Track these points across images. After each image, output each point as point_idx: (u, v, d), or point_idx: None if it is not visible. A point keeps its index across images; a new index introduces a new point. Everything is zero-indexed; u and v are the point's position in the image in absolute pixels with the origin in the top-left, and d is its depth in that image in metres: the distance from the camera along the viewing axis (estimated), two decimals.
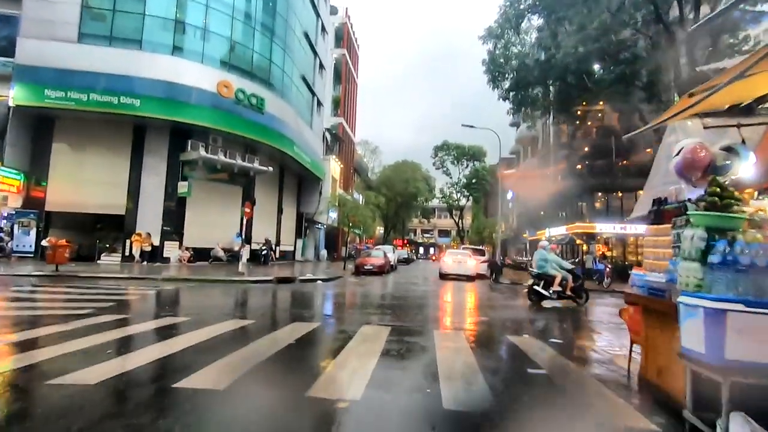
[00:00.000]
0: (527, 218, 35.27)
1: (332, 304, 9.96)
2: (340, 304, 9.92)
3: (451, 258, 19.05)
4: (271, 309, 8.75)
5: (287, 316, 7.72)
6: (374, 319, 7.02)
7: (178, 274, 14.55)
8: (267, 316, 7.66)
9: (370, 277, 18.80)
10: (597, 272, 18.14)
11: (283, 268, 20.32)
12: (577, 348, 5.87)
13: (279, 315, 8.04)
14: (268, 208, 25.16)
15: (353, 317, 7.45)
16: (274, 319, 7.31)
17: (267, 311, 8.43)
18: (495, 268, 19.49)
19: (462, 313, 9.27)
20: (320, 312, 8.44)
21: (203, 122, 18.57)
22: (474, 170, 53.40)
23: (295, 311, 8.42)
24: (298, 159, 24.57)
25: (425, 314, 8.37)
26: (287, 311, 8.55)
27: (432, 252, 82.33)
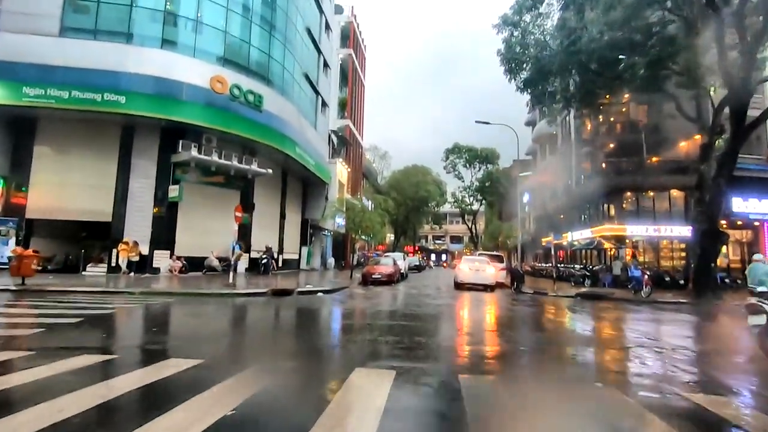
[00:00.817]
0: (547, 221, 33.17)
1: (325, 327, 8.22)
2: (335, 326, 8.15)
3: (468, 265, 17.19)
4: (240, 336, 6.98)
5: (258, 348, 5.86)
6: (374, 354, 5.25)
7: (163, 287, 12.99)
8: (226, 350, 5.51)
9: (378, 288, 17.05)
10: (632, 280, 16.11)
11: (283, 278, 18.68)
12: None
13: (245, 347, 6.02)
14: (269, 214, 23.63)
15: (347, 350, 5.66)
16: (234, 356, 5.18)
17: (234, 340, 6.51)
18: (517, 276, 17.58)
19: (502, 338, 6.93)
20: (305, 340, 6.62)
21: (195, 120, 17.13)
22: (487, 173, 51.35)
23: (272, 340, 6.61)
24: (300, 161, 23.03)
25: (445, 343, 6.41)
26: (262, 340, 6.65)
27: (444, 259, 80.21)
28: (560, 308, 12.04)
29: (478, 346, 6.10)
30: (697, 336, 8.54)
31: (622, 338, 7.34)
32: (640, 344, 6.58)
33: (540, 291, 17.50)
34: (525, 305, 12.63)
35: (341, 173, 33.07)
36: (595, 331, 8.34)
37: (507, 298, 14.39)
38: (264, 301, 11.27)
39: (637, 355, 5.68)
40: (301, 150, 23.03)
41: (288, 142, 21.29)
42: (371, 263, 21.80)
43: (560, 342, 6.96)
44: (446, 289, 17.42)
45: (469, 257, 19.51)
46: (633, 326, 8.90)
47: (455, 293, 15.37)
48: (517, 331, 8.01)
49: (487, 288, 16.82)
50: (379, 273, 19.38)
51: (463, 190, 53.10)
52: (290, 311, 9.89)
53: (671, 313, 11.65)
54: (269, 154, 21.28)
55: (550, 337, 7.41)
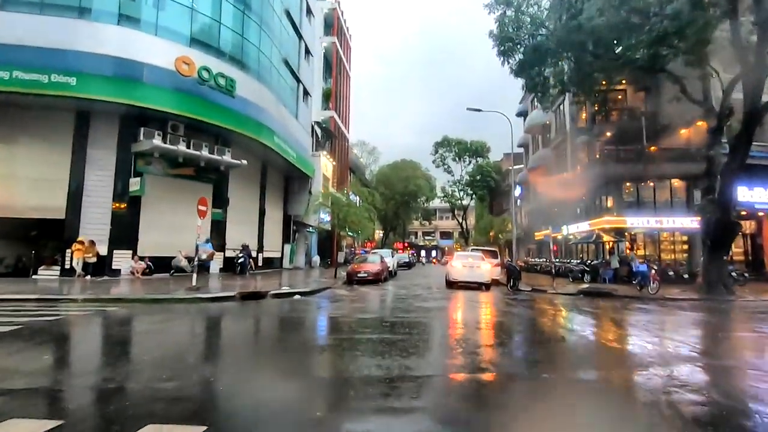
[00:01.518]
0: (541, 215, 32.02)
1: (286, 345, 6.48)
2: (300, 344, 6.34)
3: (461, 262, 15.82)
4: (158, 368, 4.38)
5: (165, 393, 3.57)
6: (343, 404, 3.65)
7: (117, 291, 11.38)
8: (108, 399, 3.51)
9: (364, 288, 15.63)
10: (637, 275, 14.90)
11: (260, 278, 17.13)
12: None
13: (147, 393, 3.61)
14: (247, 210, 21.98)
15: (302, 392, 3.79)
16: (115, 411, 3.16)
17: (142, 375, 4.18)
18: (513, 273, 16.26)
19: (515, 359, 5.38)
20: (250, 371, 4.47)
21: (159, 106, 15.41)
22: (477, 166, 50.15)
23: (199, 372, 4.36)
24: (280, 152, 21.39)
25: (442, 380, 4.31)
26: (182, 372, 4.22)
27: (434, 255, 79.03)
28: (567, 309, 10.72)
29: (488, 376, 4.54)
30: (744, 344, 7.25)
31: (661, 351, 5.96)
32: (687, 359, 5.23)
33: (539, 288, 16.24)
34: (527, 307, 11.29)
35: (326, 167, 31.47)
36: (622, 341, 6.96)
37: (505, 298, 13.05)
38: (228, 308, 9.75)
39: (694, 375, 4.32)
40: (280, 140, 21.40)
41: (265, 131, 19.65)
42: (357, 261, 20.36)
43: (592, 363, 5.44)
44: (437, 288, 16.04)
45: (462, 253, 18.16)
46: (660, 332, 7.58)
47: (448, 293, 13.99)
48: (530, 346, 6.56)
49: (482, 286, 15.48)
50: (365, 271, 17.97)
51: (453, 184, 51.92)
52: (252, 322, 8.39)
53: (692, 313, 10.42)
54: (245, 145, 19.63)
55: (577, 356, 5.84)
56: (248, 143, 19.50)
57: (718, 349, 6.43)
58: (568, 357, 5.59)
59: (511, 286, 16.13)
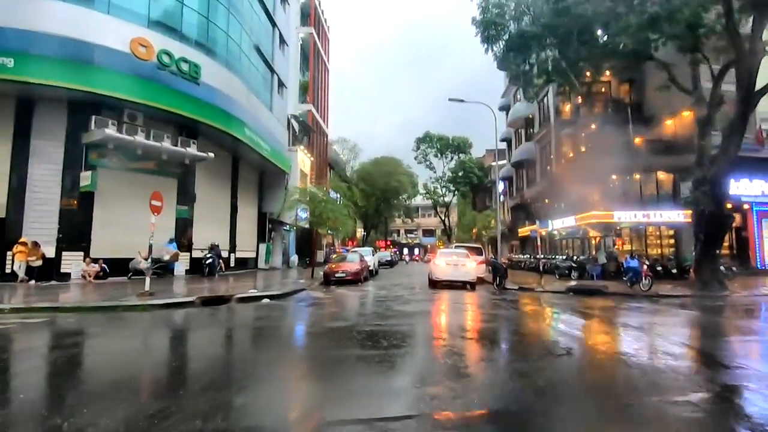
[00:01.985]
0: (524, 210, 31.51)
1: (226, 374, 4.79)
2: (245, 368, 4.75)
3: (445, 260, 14.86)
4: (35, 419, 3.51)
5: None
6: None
7: (57, 298, 10.00)
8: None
9: (341, 289, 14.55)
10: (628, 271, 14.23)
11: (230, 281, 15.85)
12: None
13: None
14: (217, 207, 20.56)
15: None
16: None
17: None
18: (499, 271, 15.41)
19: (515, 379, 4.28)
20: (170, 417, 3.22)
21: (112, 92, 13.95)
22: (460, 162, 49.47)
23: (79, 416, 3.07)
24: (252, 145, 20.05)
25: (428, 404, 3.42)
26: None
27: (416, 253, 78.29)
28: (561, 311, 9.87)
29: (484, 414, 3.52)
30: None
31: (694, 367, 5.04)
32: (741, 366, 4.32)
33: (526, 287, 15.44)
34: (516, 308, 10.38)
35: (303, 162, 30.21)
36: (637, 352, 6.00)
37: (492, 299, 12.14)
38: (182, 316, 8.54)
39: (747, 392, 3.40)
40: (252, 133, 20.06)
41: (235, 122, 18.30)
42: (334, 260, 19.23)
43: (614, 387, 4.45)
44: (420, 288, 15.07)
45: (446, 250, 17.22)
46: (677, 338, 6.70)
47: (431, 294, 13.01)
48: (530, 364, 5.42)
49: (467, 285, 14.57)
50: (343, 271, 16.89)
51: (435, 180, 51.13)
52: (200, 335, 7.18)
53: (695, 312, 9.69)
54: (214, 137, 18.25)
55: (594, 379, 4.80)
56: (217, 135, 18.13)
57: (747, 357, 5.59)
58: (583, 379, 4.59)
59: (498, 285, 15.30)
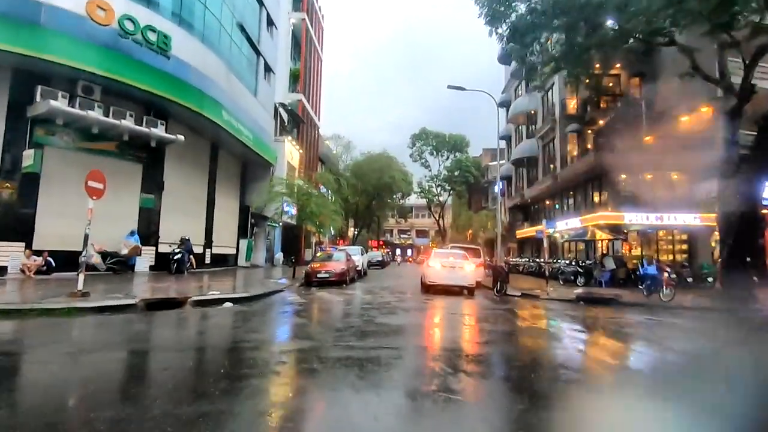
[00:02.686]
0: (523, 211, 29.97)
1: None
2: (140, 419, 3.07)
3: (440, 261, 13.12)
4: None
5: None
6: None
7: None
8: None
9: (322, 292, 12.80)
10: (646, 279, 12.62)
11: (196, 280, 14.02)
12: None
13: None
14: (190, 198, 18.69)
15: None
16: None
17: None
18: (500, 275, 13.74)
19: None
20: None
21: (63, 58, 12.04)
22: (456, 161, 47.81)
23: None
24: (231, 131, 18.19)
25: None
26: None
27: (410, 254, 76.61)
28: (580, 326, 8.21)
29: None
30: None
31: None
32: None
33: (529, 293, 13.79)
34: (525, 321, 8.69)
35: (291, 154, 28.41)
36: (698, 394, 4.37)
37: (494, 308, 10.45)
38: (113, 324, 6.77)
39: None
40: (231, 117, 18.22)
41: (210, 102, 16.44)
42: (318, 259, 17.46)
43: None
44: (411, 292, 13.35)
45: (441, 251, 15.48)
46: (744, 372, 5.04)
47: (423, 301, 11.29)
48: (555, 413, 3.79)
49: (464, 291, 12.87)
50: (327, 271, 15.18)
51: (430, 179, 49.40)
52: (116, 357, 5.37)
53: (743, 331, 8.04)
54: (187, 119, 16.41)
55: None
56: (190, 118, 16.29)
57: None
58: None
59: (498, 291, 13.63)
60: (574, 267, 17.64)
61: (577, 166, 20.03)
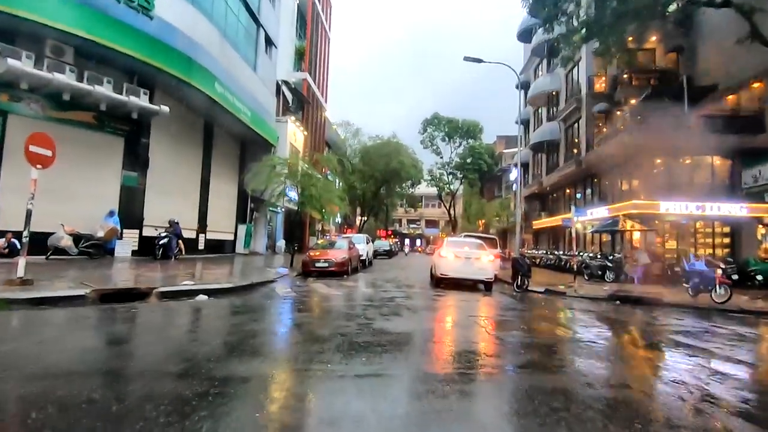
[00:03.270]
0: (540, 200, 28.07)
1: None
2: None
3: (454, 251, 11.45)
4: None
5: None
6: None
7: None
8: None
9: (319, 283, 11.29)
10: (694, 276, 10.85)
11: (180, 267, 12.59)
12: None
13: None
14: (181, 177, 17.23)
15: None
16: None
17: None
18: (521, 269, 12.07)
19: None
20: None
21: (26, 12, 10.54)
22: (469, 148, 45.69)
23: None
24: (225, 105, 16.59)
25: None
26: None
27: (418, 244, 74.95)
28: (628, 331, 6.55)
29: None
30: None
31: None
32: None
33: (554, 289, 12.13)
34: (561, 326, 7.05)
35: (294, 136, 26.79)
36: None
37: (517, 307, 8.82)
38: (44, 321, 5.28)
39: None
40: (226, 90, 16.62)
41: (200, 72, 14.83)
42: (317, 246, 15.94)
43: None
44: (420, 286, 11.76)
45: (455, 239, 13.77)
46: None
47: (433, 297, 9.69)
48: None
49: (480, 285, 11.23)
50: (326, 260, 13.69)
51: (442, 166, 47.41)
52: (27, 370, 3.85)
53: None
54: (176, 91, 14.82)
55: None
56: (180, 89, 14.70)
57: None
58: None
59: (519, 286, 11.97)
60: (601, 260, 15.85)
61: (606, 150, 18.06)
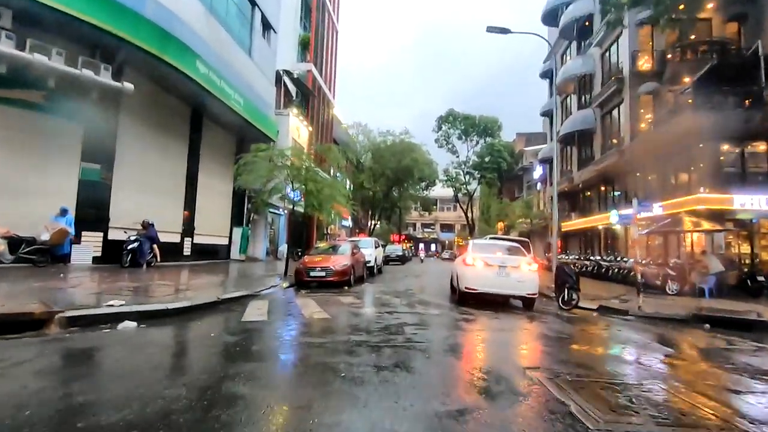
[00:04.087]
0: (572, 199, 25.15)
1: None
2: None
3: (484, 257, 8.77)
4: None
5: None
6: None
7: None
8: None
9: (309, 299, 8.83)
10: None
11: (144, 276, 10.31)
12: None
13: None
14: (162, 172, 15.04)
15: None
16: None
17: None
18: (569, 279, 9.41)
19: None
20: None
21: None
22: (488, 145, 42.80)
23: None
24: (211, 89, 14.32)
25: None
26: None
27: (434, 249, 72.13)
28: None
29: None
30: None
31: None
32: None
33: (610, 306, 9.44)
34: (688, 382, 4.40)
35: (297, 131, 24.53)
36: None
37: (583, 336, 6.18)
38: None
39: None
40: (212, 72, 14.37)
41: (176, 47, 12.56)
42: (315, 252, 13.51)
43: None
44: (438, 303, 9.19)
45: (484, 242, 11.04)
46: None
47: (457, 321, 7.11)
48: None
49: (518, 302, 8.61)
50: (322, 268, 11.33)
51: (458, 166, 44.61)
52: None
53: None
54: (151, 69, 12.65)
55: None
56: (157, 69, 12.54)
57: None
58: None
59: (564, 302, 9.30)
60: (659, 268, 13.03)
61: (657, 136, 15.24)
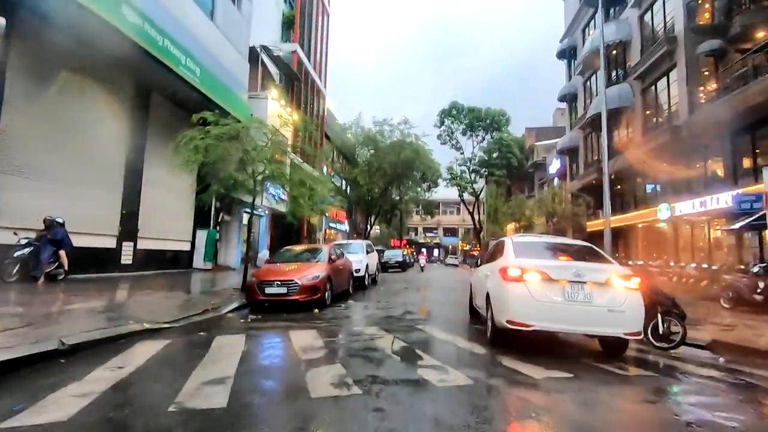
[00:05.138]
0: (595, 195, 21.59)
1: None
2: None
3: (539, 268, 4.84)
4: None
5: None
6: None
7: None
8: None
9: (245, 334, 5.24)
10: None
11: (23, 296, 6.79)
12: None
13: None
14: (90, 157, 11.58)
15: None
16: None
17: None
18: (661, 301, 5.86)
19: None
20: None
21: None
22: (496, 140, 39.23)
23: None
24: (146, 45, 10.87)
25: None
26: None
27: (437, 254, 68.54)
28: None
29: None
30: None
31: None
32: None
33: (726, 341, 5.90)
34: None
35: (278, 116, 21.02)
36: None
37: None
38: None
39: None
40: (146, 23, 10.92)
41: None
42: (277, 258, 10.06)
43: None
44: (456, 346, 5.68)
45: (531, 240, 6.61)
46: None
47: (506, 408, 3.60)
48: None
49: (606, 348, 5.12)
50: (284, 283, 7.88)
51: (462, 163, 41.01)
52: None
53: None
54: (58, 14, 9.20)
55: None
56: (64, 13, 9.06)
57: None
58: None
59: (662, 338, 5.75)
60: (761, 279, 9.42)
61: (732, 103, 11.66)
